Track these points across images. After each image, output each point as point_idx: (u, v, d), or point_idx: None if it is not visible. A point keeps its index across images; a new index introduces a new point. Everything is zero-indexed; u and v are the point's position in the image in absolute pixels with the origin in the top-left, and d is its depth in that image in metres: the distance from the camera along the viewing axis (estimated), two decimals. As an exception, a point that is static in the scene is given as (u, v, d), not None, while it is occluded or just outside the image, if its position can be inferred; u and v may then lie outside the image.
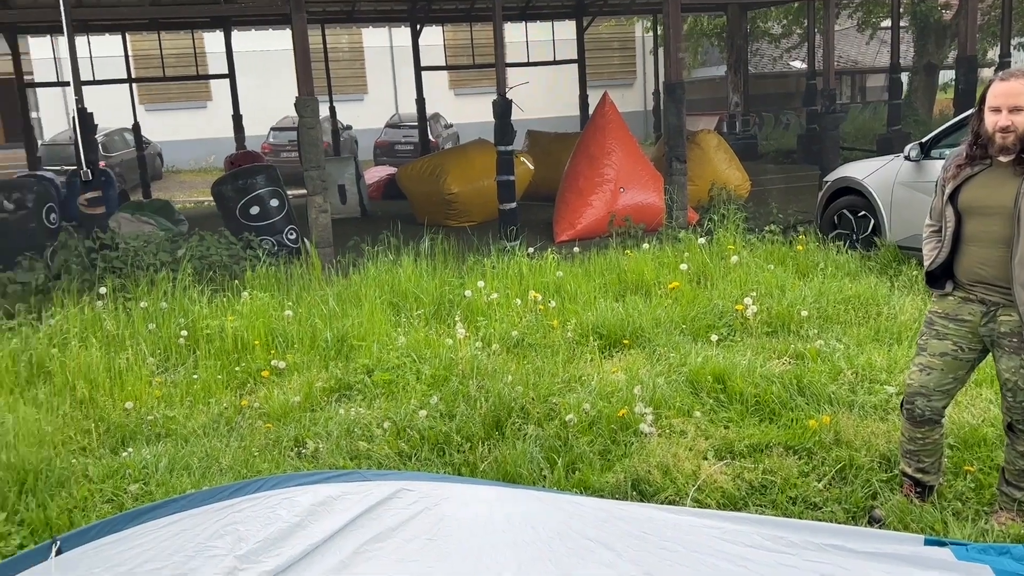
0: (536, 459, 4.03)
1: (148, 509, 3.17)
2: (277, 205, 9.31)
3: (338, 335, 5.89)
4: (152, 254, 7.56)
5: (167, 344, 5.91)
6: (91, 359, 5.44)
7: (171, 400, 5.10)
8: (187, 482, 3.97)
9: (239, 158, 15.25)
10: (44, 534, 3.60)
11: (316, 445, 4.35)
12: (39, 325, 6.27)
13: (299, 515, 3.04)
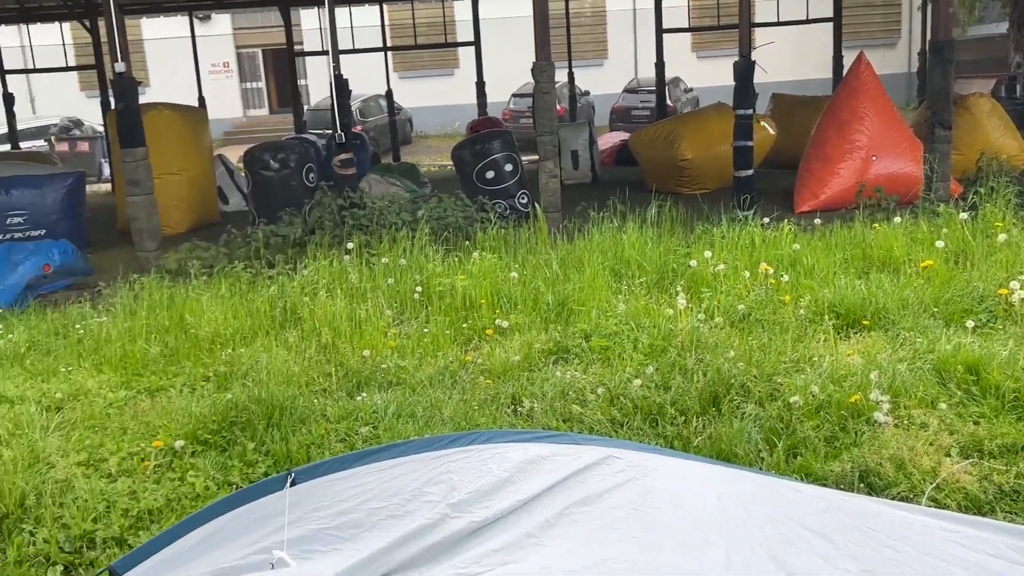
0: (754, 439, 3.85)
1: (374, 451, 3.38)
2: (511, 170, 9.54)
3: (559, 299, 5.94)
4: (395, 214, 8.02)
5: (403, 298, 6.26)
6: (336, 308, 5.88)
7: (403, 351, 5.40)
8: (411, 429, 4.19)
9: (480, 123, 15.77)
10: (284, 465, 3.95)
11: (531, 404, 4.43)
12: (294, 275, 6.87)
13: (509, 471, 3.10)
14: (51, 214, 9.33)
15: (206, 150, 11.34)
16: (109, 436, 4.42)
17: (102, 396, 5.02)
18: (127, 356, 5.66)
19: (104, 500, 3.71)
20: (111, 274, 8.23)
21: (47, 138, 20.03)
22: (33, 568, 3.34)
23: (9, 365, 5.72)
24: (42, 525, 3.55)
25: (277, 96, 26.84)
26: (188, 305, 6.42)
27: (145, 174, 7.96)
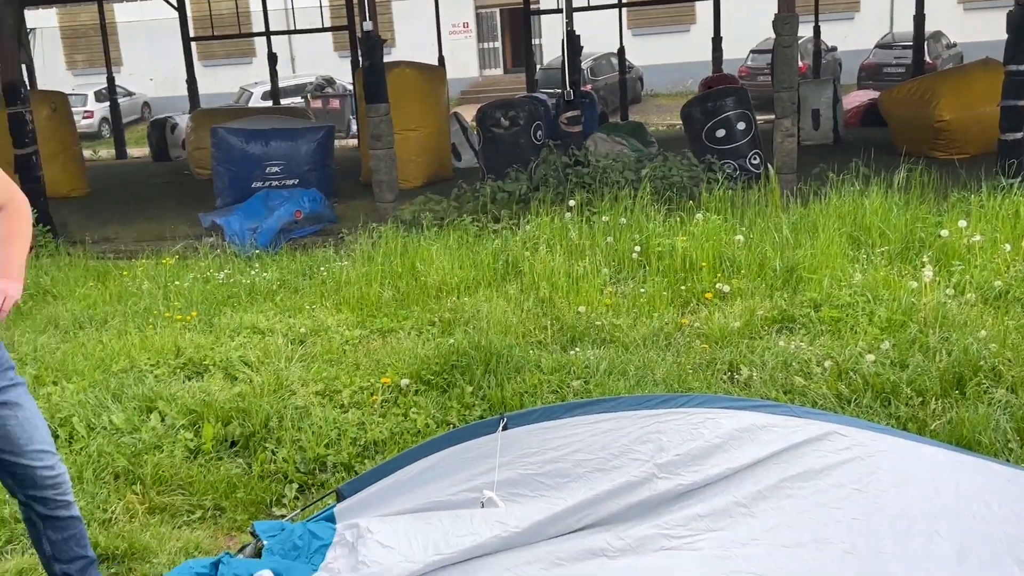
0: (1003, 428, 3.47)
1: (584, 404, 3.39)
2: (744, 128, 9.14)
3: (788, 265, 5.64)
4: (618, 172, 7.96)
5: (621, 257, 6.21)
6: (555, 264, 5.94)
7: (618, 309, 5.37)
8: (622, 386, 4.17)
9: (714, 81, 15.26)
10: (498, 410, 4.06)
11: (750, 373, 4.26)
12: (517, 230, 7.01)
13: (721, 437, 3.00)
14: (304, 165, 10.12)
15: (443, 108, 11.82)
16: (344, 370, 4.75)
17: (339, 333, 5.41)
18: (363, 298, 6.05)
19: (336, 428, 4.00)
20: (353, 222, 8.82)
21: (303, 95, 21.74)
22: (273, 483, 3.68)
23: (263, 300, 6.30)
24: (282, 446, 3.90)
25: (512, 55, 27.40)
26: (419, 254, 6.74)
27: (387, 129, 8.42)
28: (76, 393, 4.56)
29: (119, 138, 18.96)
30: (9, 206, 2.66)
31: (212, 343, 5.31)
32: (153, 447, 3.90)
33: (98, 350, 5.31)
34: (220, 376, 4.78)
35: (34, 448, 2.56)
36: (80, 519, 2.73)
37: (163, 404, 4.30)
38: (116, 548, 3.23)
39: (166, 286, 6.73)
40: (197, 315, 5.87)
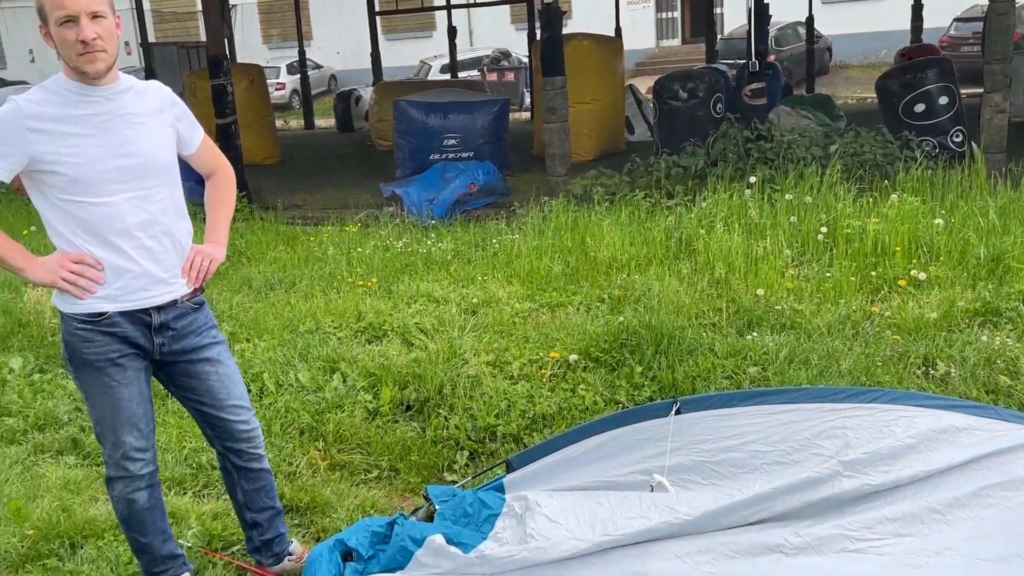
0: None
1: (762, 393, 3.25)
2: (946, 103, 8.44)
3: (994, 253, 5.17)
4: (804, 148, 7.56)
5: (804, 239, 5.90)
6: (732, 243, 5.73)
7: (800, 294, 5.11)
8: (803, 376, 3.97)
9: (912, 51, 14.19)
10: (669, 392, 3.98)
11: (947, 369, 3.94)
12: (692, 207, 6.81)
13: (915, 437, 2.79)
14: (479, 138, 10.27)
15: (618, 80, 11.65)
16: (513, 342, 4.79)
17: (510, 305, 5.46)
18: (533, 272, 6.08)
19: (506, 399, 4.05)
20: (524, 195, 8.88)
21: (480, 68, 22.08)
22: (445, 449, 3.77)
23: (438, 269, 6.46)
24: (455, 413, 3.98)
25: (691, 26, 26.63)
26: (590, 229, 6.70)
27: (562, 102, 8.38)
28: (266, 350, 4.86)
29: (308, 109, 20.00)
30: (217, 173, 2.82)
31: (391, 309, 5.50)
32: (335, 406, 4.09)
33: (286, 311, 5.62)
34: (397, 341, 4.95)
35: (232, 403, 2.73)
36: (269, 472, 2.90)
37: (345, 365, 4.50)
38: (299, 501, 3.41)
39: (349, 252, 7.04)
40: (377, 282, 6.10)
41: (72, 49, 2.33)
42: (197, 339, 2.66)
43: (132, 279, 2.49)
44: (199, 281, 2.66)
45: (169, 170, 2.56)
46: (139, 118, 2.49)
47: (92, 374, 2.52)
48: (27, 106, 2.36)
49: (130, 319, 2.51)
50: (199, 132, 2.73)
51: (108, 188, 2.42)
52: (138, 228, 2.47)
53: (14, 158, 2.35)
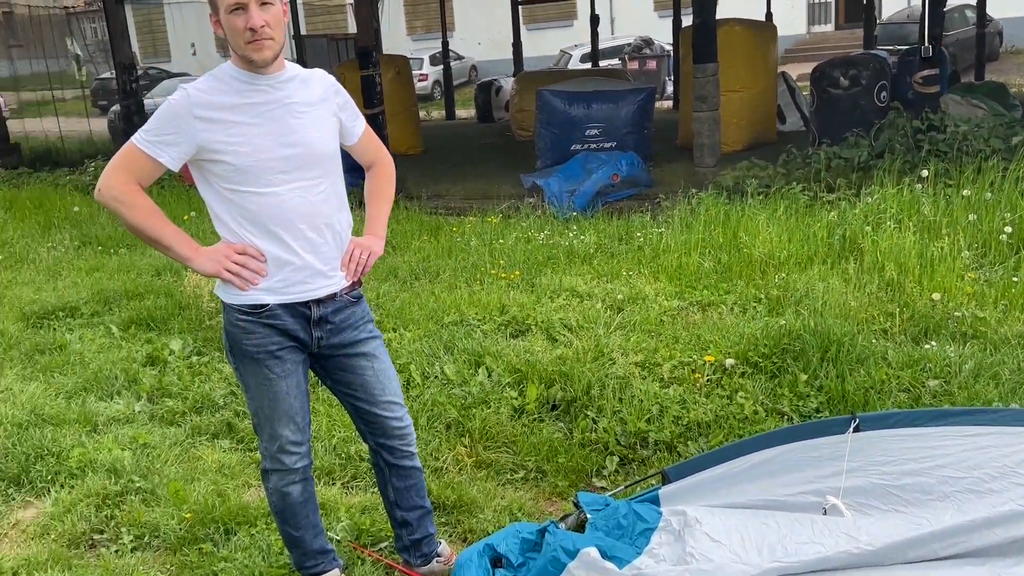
0: None
1: (952, 412, 2.93)
2: None
3: None
4: (982, 139, 6.95)
5: (986, 239, 5.40)
6: (903, 243, 5.30)
7: (983, 299, 4.66)
8: (993, 393, 3.59)
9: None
10: (838, 405, 3.68)
11: None
12: (856, 202, 6.37)
13: None
14: (623, 128, 10.03)
15: (771, 68, 11.13)
16: (663, 342, 4.58)
17: (657, 303, 5.24)
18: (681, 268, 5.83)
19: (657, 403, 3.85)
20: (669, 187, 8.60)
21: (621, 56, 21.73)
22: (593, 453, 3.61)
23: (580, 263, 6.31)
24: (603, 415, 3.82)
25: (845, 10, 25.30)
26: (743, 223, 6.37)
27: (713, 90, 8.05)
28: (412, 341, 4.84)
29: (449, 99, 20.23)
30: (377, 164, 2.77)
31: (534, 303, 5.39)
32: (481, 402, 4.01)
33: (431, 301, 5.61)
34: (541, 337, 4.83)
35: (386, 399, 2.67)
36: (420, 470, 2.83)
37: (490, 360, 4.41)
38: (446, 498, 3.34)
39: (491, 244, 6.98)
40: (520, 274, 6.01)
41: (240, 37, 2.31)
42: (354, 333, 2.61)
43: (293, 271, 2.45)
44: (358, 274, 2.61)
45: (332, 161, 2.51)
46: (303, 107, 2.45)
47: (251, 366, 2.51)
48: (196, 95, 2.35)
49: (290, 312, 2.48)
50: (361, 122, 2.68)
51: (272, 178, 2.39)
52: (300, 219, 2.44)
53: (183, 146, 2.35)
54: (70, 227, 8.71)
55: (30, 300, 6.20)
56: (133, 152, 2.37)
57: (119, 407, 4.30)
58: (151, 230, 2.39)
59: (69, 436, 3.95)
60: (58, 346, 5.22)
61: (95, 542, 3.20)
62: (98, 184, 2.38)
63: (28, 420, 4.08)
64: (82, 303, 6.02)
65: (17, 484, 3.61)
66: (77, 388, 4.56)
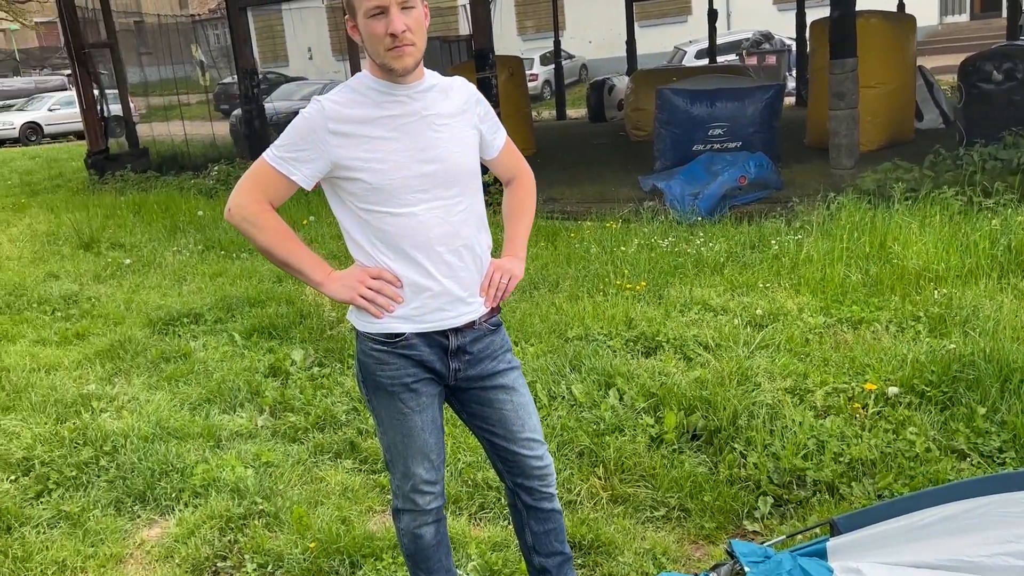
0: None
1: None
2: None
3: None
4: None
5: None
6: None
7: None
8: None
9: None
10: None
11: None
12: (1020, 207, 5.78)
13: None
14: (749, 126, 9.55)
15: (909, 62, 10.42)
16: (812, 365, 4.21)
17: (802, 320, 4.85)
18: (825, 280, 5.41)
19: (813, 436, 3.49)
20: (802, 190, 8.10)
21: (739, 52, 21.00)
22: (743, 492, 3.29)
23: (710, 273, 5.94)
24: (752, 448, 3.49)
25: None
26: (891, 231, 5.88)
27: (852, 87, 7.51)
28: (536, 357, 4.61)
29: (560, 99, 19.98)
30: (517, 179, 2.53)
31: (663, 317, 5.08)
32: (614, 428, 3.74)
33: (552, 313, 5.37)
34: (674, 356, 4.52)
35: (526, 436, 2.43)
36: (560, 512, 2.58)
37: (621, 381, 4.13)
38: (581, 537, 3.08)
39: (612, 251, 6.69)
40: (646, 285, 5.70)
41: (380, 43, 2.11)
42: (493, 364, 2.38)
43: (430, 298, 2.24)
44: (498, 300, 2.38)
45: (472, 178, 2.29)
46: (443, 119, 2.23)
47: (385, 399, 2.31)
48: (331, 107, 2.16)
49: (427, 341, 2.27)
50: (502, 133, 2.45)
51: (409, 197, 2.18)
52: (439, 242, 2.22)
53: (317, 163, 2.17)
54: (194, 231, 8.89)
55: (156, 305, 6.28)
56: (264, 170, 2.20)
57: (242, 421, 4.23)
58: (283, 253, 2.22)
59: (193, 451, 3.89)
60: (183, 354, 5.23)
61: (218, 570, 3.09)
62: (228, 203, 2.22)
63: (154, 433, 4.04)
64: (206, 309, 6.05)
65: (143, 501, 3.55)
66: (201, 399, 4.52)
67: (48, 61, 38.56)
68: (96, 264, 7.80)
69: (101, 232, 8.99)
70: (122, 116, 14.32)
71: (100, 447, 3.93)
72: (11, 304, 6.59)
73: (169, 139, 15.68)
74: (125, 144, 14.33)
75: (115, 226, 9.40)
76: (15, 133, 24.54)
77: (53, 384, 4.79)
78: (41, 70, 36.64)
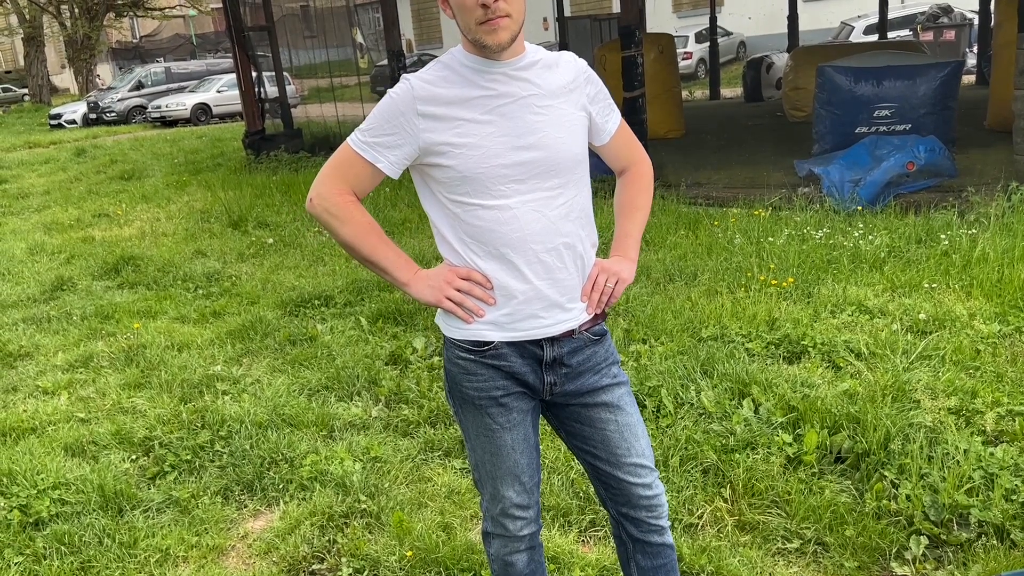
0: None
1: None
2: None
3: None
4: None
5: None
6: None
7: None
8: None
9: None
10: None
11: None
12: None
13: None
14: (919, 107, 8.69)
15: (1114, 32, 9.17)
16: (982, 382, 3.67)
17: (972, 327, 4.28)
18: (1003, 282, 4.77)
19: (980, 468, 3.01)
20: (979, 178, 7.32)
21: (913, 27, 19.46)
22: (893, 528, 2.86)
23: (869, 270, 5.39)
24: (905, 477, 3.04)
25: None
26: (1086, 228, 5.13)
27: (1044, 62, 6.64)
28: (665, 358, 4.28)
29: (714, 78, 19.19)
30: (632, 168, 2.23)
31: (811, 319, 4.62)
32: (746, 444, 3.37)
33: (686, 308, 5.01)
34: (821, 363, 4.07)
35: (632, 460, 2.14)
36: (673, 547, 2.27)
37: (757, 391, 3.75)
38: (700, 568, 2.76)
39: (759, 242, 6.21)
40: (793, 281, 5.22)
41: (471, 16, 1.86)
42: (595, 378, 2.10)
43: (523, 303, 1.99)
44: (602, 306, 2.10)
45: (577, 167, 2.01)
46: (545, 100, 1.96)
47: (472, 412, 2.08)
48: (420, 86, 1.93)
49: (518, 351, 2.02)
50: (615, 116, 2.14)
51: (502, 188, 1.93)
52: (535, 239, 1.96)
53: (405, 148, 1.95)
54: (336, 211, 9.00)
55: (291, 287, 6.35)
56: (348, 155, 2.00)
57: (357, 410, 4.14)
58: (367, 249, 2.02)
59: (305, 440, 3.82)
60: (309, 337, 5.22)
61: (314, 572, 2.97)
62: (310, 193, 2.05)
63: (269, 419, 4.01)
64: (337, 292, 6.06)
65: (250, 491, 3.50)
66: (320, 385, 4.47)
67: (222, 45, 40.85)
68: (241, 243, 8.02)
69: (250, 211, 9.27)
70: (278, 98, 14.82)
71: (216, 431, 3.94)
72: (159, 280, 6.85)
73: (323, 120, 16.12)
74: (281, 125, 14.83)
75: (264, 205, 9.68)
76: (187, 113, 26.07)
77: (184, 363, 4.88)
78: (215, 53, 38.87)
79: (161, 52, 39.26)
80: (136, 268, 7.27)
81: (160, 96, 27.79)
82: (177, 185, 12.09)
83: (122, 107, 28.00)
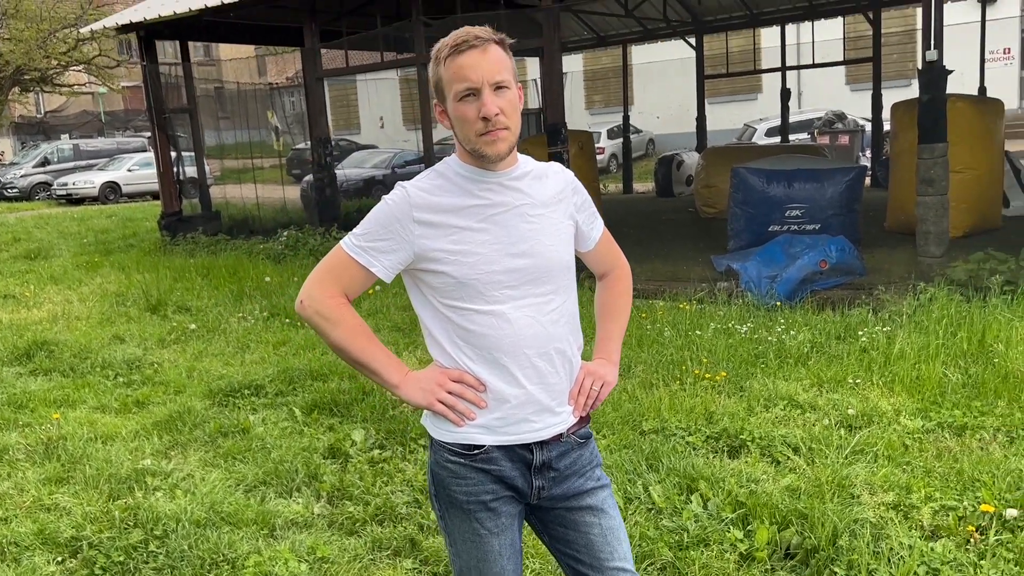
0: None
1: None
2: None
3: None
4: None
5: None
6: None
7: None
8: None
9: None
10: None
11: None
12: None
13: None
14: (827, 208, 9.24)
15: (997, 147, 10.03)
16: (914, 476, 3.84)
17: (897, 423, 4.48)
18: (920, 379, 5.03)
19: (923, 563, 3.13)
20: (884, 276, 7.74)
21: (810, 131, 20.73)
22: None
23: (794, 364, 5.61)
24: (855, 573, 3.13)
25: (1063, 82, 23.20)
26: (991, 328, 5.49)
27: (942, 173, 7.19)
28: (610, 452, 4.32)
29: (627, 174, 19.90)
30: (612, 272, 2.32)
31: (746, 412, 4.76)
32: (699, 541, 3.41)
33: (624, 401, 5.09)
34: (760, 457, 4.19)
35: (615, 564, 2.15)
36: (649, 651, 2.27)
37: (704, 486, 3.82)
38: (666, 670, 2.76)
39: (687, 335, 6.40)
40: (726, 375, 5.38)
41: (471, 128, 1.92)
42: (580, 481, 2.12)
43: (515, 407, 2.01)
44: (588, 408, 2.14)
45: (566, 273, 2.08)
46: (537, 209, 2.03)
47: (459, 517, 2.07)
48: (417, 195, 1.98)
49: (509, 455, 2.03)
50: (599, 224, 2.24)
51: (496, 294, 1.97)
52: (528, 344, 2.00)
53: (399, 254, 1.98)
54: (260, 297, 8.86)
55: (218, 375, 6.17)
56: (342, 259, 2.02)
57: (298, 507, 4.01)
58: (357, 351, 2.02)
59: (246, 540, 3.67)
60: (241, 428, 5.07)
61: None
62: (300, 294, 2.04)
63: (206, 517, 3.85)
64: (268, 381, 5.92)
65: (190, 595, 3.34)
66: (257, 480, 4.32)
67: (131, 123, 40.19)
68: (162, 328, 7.78)
69: (169, 295, 9.03)
70: (197, 179, 14.64)
71: (151, 530, 3.75)
72: (75, 367, 6.56)
73: (241, 202, 15.95)
74: (198, 206, 14.61)
75: (183, 289, 9.44)
76: (95, 192, 25.39)
77: (108, 456, 4.65)
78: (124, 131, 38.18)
79: (67, 128, 38.32)
80: (50, 354, 6.95)
81: (67, 173, 27.03)
82: (88, 266, 11.69)
83: (25, 183, 27.11)
